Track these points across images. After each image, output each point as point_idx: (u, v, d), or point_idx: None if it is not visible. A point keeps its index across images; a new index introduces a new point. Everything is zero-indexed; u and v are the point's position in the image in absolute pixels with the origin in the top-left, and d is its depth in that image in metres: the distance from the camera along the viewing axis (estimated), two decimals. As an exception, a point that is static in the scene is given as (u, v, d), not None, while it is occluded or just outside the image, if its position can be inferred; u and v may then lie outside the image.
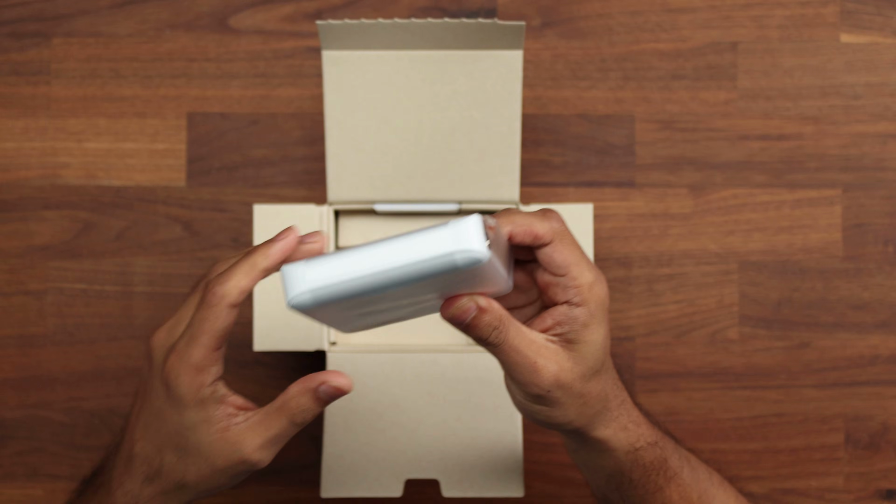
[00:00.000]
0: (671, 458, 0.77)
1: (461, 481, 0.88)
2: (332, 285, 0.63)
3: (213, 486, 0.71)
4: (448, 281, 0.64)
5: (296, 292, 0.63)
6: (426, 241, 0.62)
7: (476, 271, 0.63)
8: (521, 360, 0.68)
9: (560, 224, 0.69)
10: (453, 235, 0.61)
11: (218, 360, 0.68)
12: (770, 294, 1.01)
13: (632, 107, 1.02)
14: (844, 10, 1.02)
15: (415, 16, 1.02)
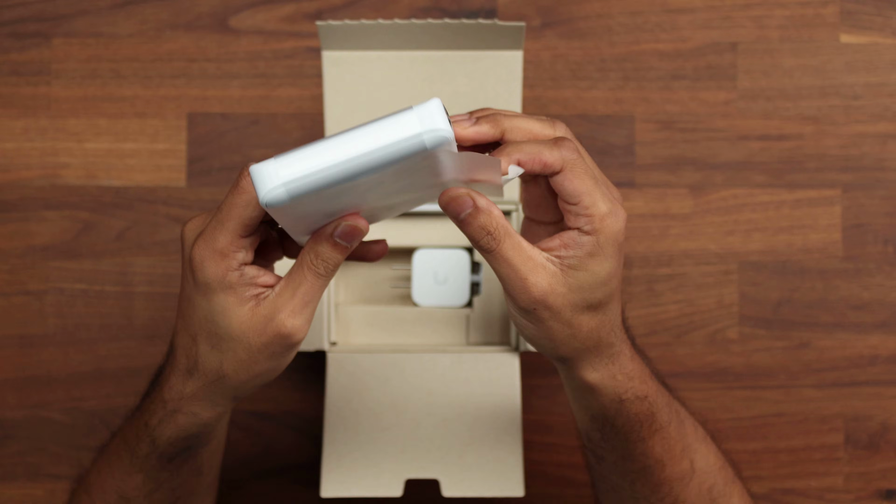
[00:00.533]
0: (660, 412, 0.75)
1: (461, 481, 0.88)
2: (304, 177, 0.61)
3: (254, 374, 0.70)
4: (429, 170, 0.64)
5: (268, 188, 0.61)
6: (394, 125, 0.62)
7: (452, 160, 0.63)
8: (512, 273, 0.67)
9: (571, 152, 0.67)
10: (419, 117, 0.62)
11: (244, 247, 0.67)
12: (770, 294, 1.01)
13: (632, 107, 1.02)
14: (844, 10, 1.02)
15: (415, 16, 1.02)
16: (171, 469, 0.78)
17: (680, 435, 0.77)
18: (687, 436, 0.78)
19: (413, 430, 0.89)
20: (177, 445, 0.75)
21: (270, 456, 1.01)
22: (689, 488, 0.78)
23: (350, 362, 0.91)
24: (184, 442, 0.75)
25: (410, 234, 0.95)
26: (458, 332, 0.95)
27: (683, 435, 0.78)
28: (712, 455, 0.80)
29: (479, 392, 0.90)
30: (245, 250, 0.67)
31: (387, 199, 0.68)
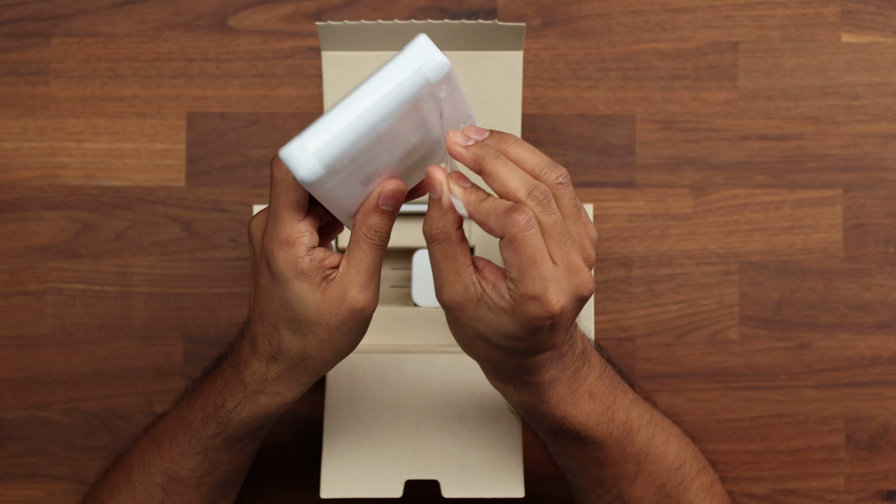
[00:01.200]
0: (633, 437, 0.78)
1: (461, 482, 0.88)
2: (329, 141, 0.65)
3: (337, 351, 0.73)
4: (437, 114, 0.66)
5: (302, 164, 0.65)
6: (394, 69, 0.65)
7: (450, 94, 0.66)
8: (435, 273, 0.69)
9: (522, 224, 0.66)
10: (414, 54, 0.65)
11: (306, 230, 0.70)
12: (771, 294, 1.01)
13: (632, 107, 1.02)
14: (845, 9, 1.02)
15: (415, 16, 1.02)
16: (235, 451, 0.81)
17: (650, 452, 0.79)
18: (635, 443, 0.79)
19: (413, 431, 0.89)
20: (249, 426, 0.79)
21: (270, 456, 1.01)
22: (634, 485, 0.79)
23: (350, 362, 0.91)
24: (258, 422, 0.78)
25: (410, 234, 0.95)
26: (458, 333, 0.95)
27: (653, 447, 0.79)
28: (671, 454, 0.80)
29: (479, 392, 0.90)
30: (308, 234, 0.70)
31: (410, 157, 0.70)
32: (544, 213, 0.67)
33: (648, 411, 0.79)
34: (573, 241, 0.68)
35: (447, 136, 0.68)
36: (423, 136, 0.69)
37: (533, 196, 0.67)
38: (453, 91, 0.67)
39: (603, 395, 0.76)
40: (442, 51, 0.90)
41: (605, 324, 1.00)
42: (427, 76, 0.65)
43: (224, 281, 1.01)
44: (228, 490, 0.86)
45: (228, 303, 1.01)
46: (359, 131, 0.65)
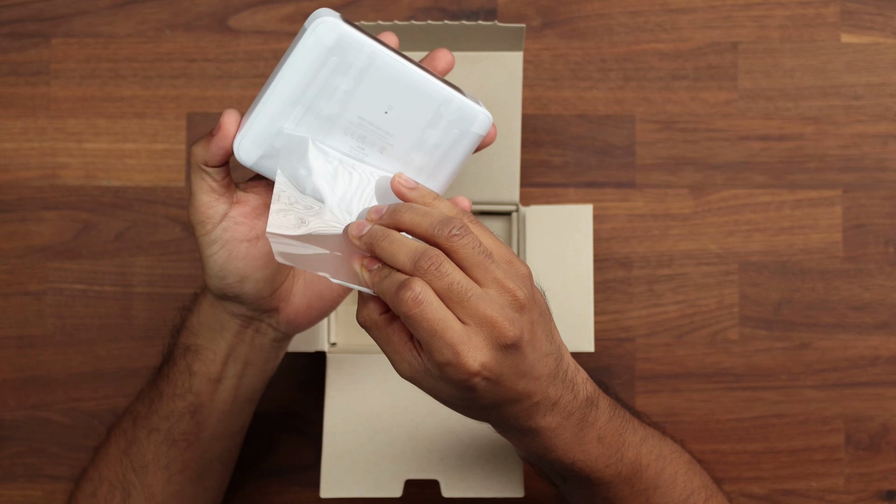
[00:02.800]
0: (627, 455, 0.77)
1: (461, 481, 0.88)
2: (253, 119, 0.72)
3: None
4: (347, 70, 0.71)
5: (239, 151, 0.73)
6: (298, 40, 0.71)
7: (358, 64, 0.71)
8: (384, 352, 0.70)
9: (411, 294, 0.66)
10: (310, 22, 0.70)
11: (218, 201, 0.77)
12: (770, 295, 1.01)
13: (632, 107, 1.02)
14: (845, 10, 1.02)
15: (415, 16, 1.02)
16: (170, 377, 0.83)
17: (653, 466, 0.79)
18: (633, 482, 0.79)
19: (413, 431, 0.89)
20: (183, 339, 0.84)
21: (270, 456, 1.01)
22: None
23: (350, 363, 0.91)
24: (188, 338, 0.83)
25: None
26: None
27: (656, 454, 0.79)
28: (679, 486, 0.80)
29: (479, 393, 0.90)
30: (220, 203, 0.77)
31: (363, 118, 0.73)
32: (436, 278, 0.66)
33: (657, 446, 0.79)
34: (480, 294, 0.67)
35: (346, 229, 0.71)
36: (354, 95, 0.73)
37: (419, 267, 0.66)
38: (361, 61, 0.71)
39: (612, 438, 0.75)
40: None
41: (605, 324, 1.00)
42: (316, 34, 0.70)
43: (224, 281, 1.01)
44: (182, 459, 0.85)
45: (228, 303, 1.01)
46: (275, 100, 0.71)
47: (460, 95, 0.73)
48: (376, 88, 0.71)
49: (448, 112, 0.72)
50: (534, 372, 0.69)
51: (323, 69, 0.70)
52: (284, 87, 0.71)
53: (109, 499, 0.86)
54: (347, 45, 0.70)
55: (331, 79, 0.71)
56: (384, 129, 0.73)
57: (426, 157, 0.73)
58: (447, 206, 0.70)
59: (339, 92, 0.71)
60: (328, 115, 0.72)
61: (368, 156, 0.73)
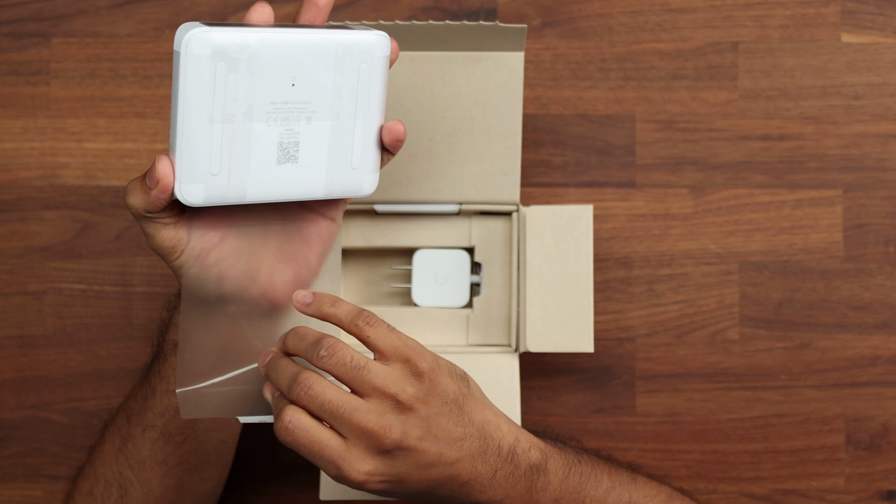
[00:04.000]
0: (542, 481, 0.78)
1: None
2: (180, 158, 0.70)
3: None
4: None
5: (183, 195, 0.70)
6: (178, 63, 0.69)
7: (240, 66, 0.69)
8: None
9: (282, 424, 0.72)
10: (180, 43, 0.68)
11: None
12: (771, 294, 1.01)
13: (632, 107, 1.02)
14: (845, 9, 1.02)
15: (415, 16, 1.02)
16: (162, 374, 0.83)
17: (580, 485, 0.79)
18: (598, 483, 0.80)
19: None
20: (172, 336, 0.83)
21: (270, 458, 1.01)
22: None
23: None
24: (176, 334, 0.82)
25: (410, 235, 0.95)
26: (458, 333, 0.95)
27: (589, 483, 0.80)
28: (645, 487, 0.81)
29: (479, 393, 0.90)
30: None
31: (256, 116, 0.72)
32: (308, 401, 0.71)
33: (626, 492, 0.80)
34: (354, 407, 0.70)
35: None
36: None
37: (292, 392, 0.71)
38: (240, 63, 0.70)
39: (571, 497, 0.77)
40: (443, 51, 0.90)
41: (605, 324, 1.00)
42: (176, 49, 0.68)
43: (224, 281, 1.01)
44: (178, 453, 0.86)
45: (228, 303, 1.01)
46: (191, 134, 0.69)
47: (349, 32, 0.72)
48: (272, 69, 0.70)
49: (346, 53, 0.71)
50: (445, 459, 0.72)
51: (216, 78, 0.69)
52: (190, 111, 0.69)
53: (106, 496, 0.86)
54: (225, 47, 0.68)
55: (227, 83, 0.69)
56: (300, 100, 0.72)
57: (350, 102, 0.73)
58: (343, 310, 0.73)
59: (240, 90, 0.70)
60: (243, 113, 0.70)
61: (300, 132, 0.72)
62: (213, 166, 0.70)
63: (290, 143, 0.72)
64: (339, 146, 0.73)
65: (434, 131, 0.92)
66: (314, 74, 0.71)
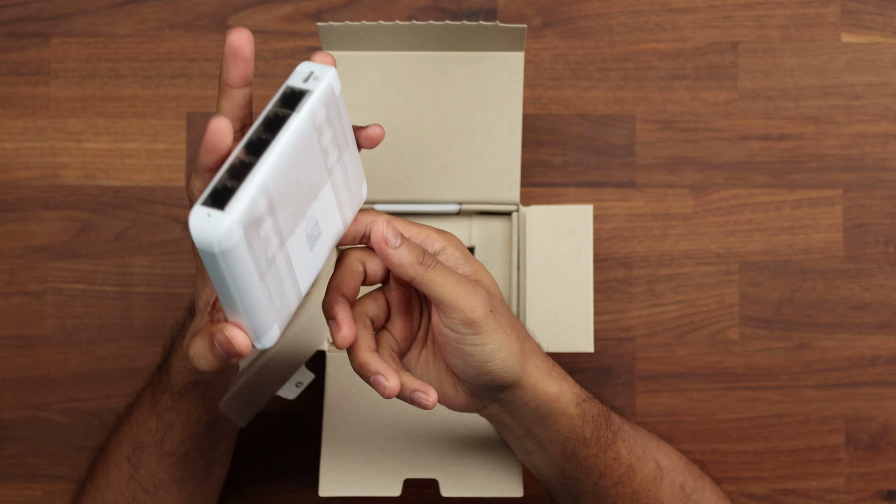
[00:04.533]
0: (611, 413, 0.79)
1: (460, 481, 0.88)
2: (251, 318, 0.66)
3: None
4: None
5: (264, 345, 0.67)
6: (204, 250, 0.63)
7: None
8: (460, 282, 0.71)
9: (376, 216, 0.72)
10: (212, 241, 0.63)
11: None
12: (771, 294, 1.01)
13: (632, 107, 1.02)
14: (845, 9, 1.02)
15: (415, 16, 1.02)
16: (182, 410, 0.81)
17: (635, 435, 0.81)
18: (642, 436, 0.81)
19: (412, 430, 0.89)
20: (184, 376, 0.79)
21: (269, 456, 1.01)
22: (662, 490, 0.81)
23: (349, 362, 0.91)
24: (190, 375, 0.79)
25: (410, 234, 0.95)
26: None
27: (639, 435, 0.81)
28: (673, 452, 0.83)
29: (478, 392, 0.90)
30: None
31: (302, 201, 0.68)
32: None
33: (655, 451, 0.82)
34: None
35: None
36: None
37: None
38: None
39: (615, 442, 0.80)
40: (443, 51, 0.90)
41: (605, 324, 1.00)
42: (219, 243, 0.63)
43: (224, 281, 1.01)
44: (195, 468, 0.85)
45: (228, 303, 1.01)
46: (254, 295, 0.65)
47: (307, 94, 0.66)
48: (282, 192, 0.66)
49: (318, 117, 0.66)
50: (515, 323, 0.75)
51: (252, 247, 0.64)
52: (245, 285, 0.64)
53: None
54: (249, 219, 0.62)
55: (260, 239, 0.64)
56: (306, 190, 0.68)
57: (334, 152, 0.69)
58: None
59: (271, 235, 0.65)
60: (278, 245, 0.66)
61: (315, 212, 0.69)
62: (275, 303, 0.67)
63: (313, 227, 0.69)
64: (340, 188, 0.71)
65: (434, 131, 0.92)
66: (307, 160, 0.67)
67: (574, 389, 0.77)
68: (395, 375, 0.71)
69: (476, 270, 0.74)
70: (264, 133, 0.64)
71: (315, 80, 0.66)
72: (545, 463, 0.80)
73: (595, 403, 0.78)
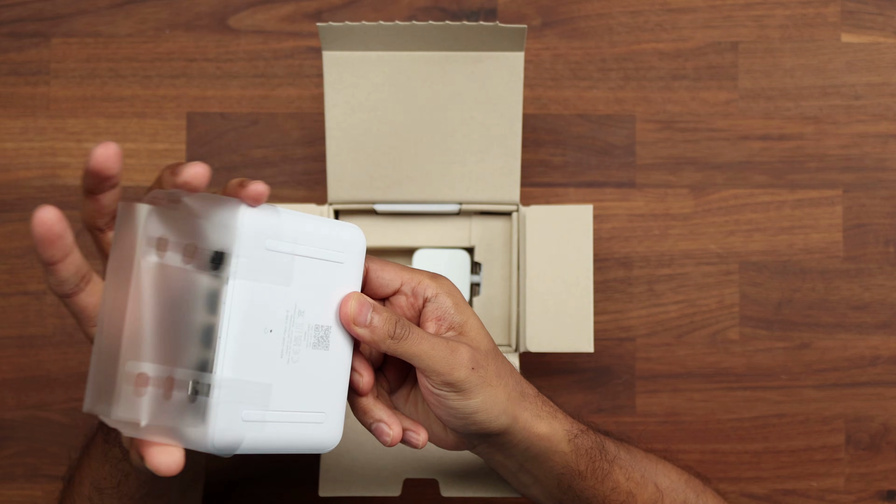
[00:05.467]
0: (605, 441, 0.79)
1: (460, 481, 0.88)
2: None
3: None
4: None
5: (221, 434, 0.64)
6: None
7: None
8: (437, 346, 0.70)
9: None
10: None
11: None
12: (771, 294, 1.01)
13: (632, 107, 1.02)
14: (845, 9, 1.02)
15: (415, 16, 1.02)
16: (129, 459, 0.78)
17: (632, 461, 0.81)
18: (639, 460, 0.81)
19: (412, 431, 0.89)
20: None
21: (269, 456, 1.01)
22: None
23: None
24: None
25: (410, 234, 0.95)
26: (457, 333, 0.95)
27: (636, 459, 0.81)
28: (673, 472, 0.83)
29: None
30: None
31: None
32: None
33: (653, 473, 0.81)
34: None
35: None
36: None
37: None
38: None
39: (610, 471, 0.79)
40: (443, 51, 0.90)
41: (605, 324, 1.00)
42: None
43: (224, 281, 1.01)
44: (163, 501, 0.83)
45: (228, 303, 1.01)
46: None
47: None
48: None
49: (247, 270, 0.64)
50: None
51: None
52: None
53: None
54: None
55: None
56: (285, 328, 0.68)
57: (285, 267, 0.68)
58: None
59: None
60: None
61: (322, 322, 0.70)
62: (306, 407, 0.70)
63: (315, 333, 0.69)
64: (319, 283, 0.69)
65: (434, 131, 0.92)
66: (264, 308, 0.66)
67: (565, 426, 0.76)
68: (398, 424, 0.72)
69: (464, 322, 0.73)
70: (210, 315, 0.64)
71: (229, 237, 0.63)
72: (543, 495, 0.80)
73: (588, 436, 0.78)
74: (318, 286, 0.68)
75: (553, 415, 0.76)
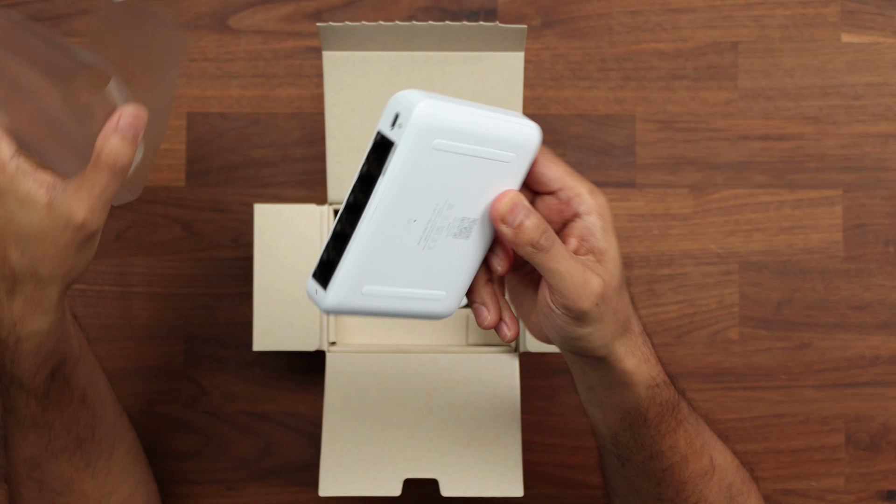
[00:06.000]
0: (680, 401, 0.78)
1: (460, 481, 0.88)
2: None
3: (70, 268, 0.72)
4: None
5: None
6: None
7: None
8: (573, 271, 0.69)
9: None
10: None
11: (3, 136, 0.70)
12: (771, 295, 1.01)
13: (632, 107, 1.02)
14: (845, 9, 1.02)
15: (415, 16, 1.02)
16: (53, 407, 0.79)
17: (698, 428, 0.79)
18: (704, 430, 0.80)
19: (412, 430, 0.89)
20: (42, 375, 0.77)
21: (270, 456, 1.01)
22: (710, 486, 0.80)
23: (349, 362, 0.91)
24: (46, 368, 0.77)
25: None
26: (458, 333, 0.95)
27: (701, 428, 0.80)
28: (728, 453, 0.82)
29: (478, 392, 0.90)
30: (5, 140, 0.70)
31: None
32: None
33: (715, 448, 0.81)
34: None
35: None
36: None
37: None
38: None
39: (660, 361, 0.79)
40: (443, 51, 0.90)
41: (605, 324, 1.00)
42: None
43: (224, 281, 1.01)
44: (95, 446, 0.83)
45: (228, 303, 1.01)
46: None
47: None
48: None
49: (404, 164, 0.65)
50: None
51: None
52: None
53: None
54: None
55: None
56: (431, 216, 0.68)
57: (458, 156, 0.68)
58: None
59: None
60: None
61: (468, 215, 0.70)
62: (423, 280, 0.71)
63: (459, 225, 0.69)
64: (483, 176, 0.70)
65: (434, 131, 0.92)
66: (417, 196, 0.67)
67: (652, 372, 0.75)
68: (497, 311, 0.71)
69: (605, 250, 0.71)
70: (360, 194, 0.65)
71: (399, 129, 0.64)
72: (603, 421, 0.79)
73: (668, 390, 0.77)
74: (475, 182, 0.68)
75: (646, 358, 0.75)
